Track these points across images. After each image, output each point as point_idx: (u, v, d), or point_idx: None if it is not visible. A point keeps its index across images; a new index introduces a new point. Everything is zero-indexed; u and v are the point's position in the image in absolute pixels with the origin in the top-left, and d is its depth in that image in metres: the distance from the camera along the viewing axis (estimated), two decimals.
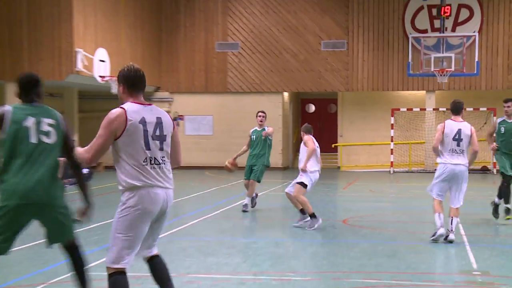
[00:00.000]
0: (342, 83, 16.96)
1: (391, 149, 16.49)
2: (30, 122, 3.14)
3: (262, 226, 7.93)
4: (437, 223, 6.05)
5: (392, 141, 16.63)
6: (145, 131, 2.87)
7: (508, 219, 7.34)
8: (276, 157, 15.38)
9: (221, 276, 4.50)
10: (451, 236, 5.76)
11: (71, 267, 3.13)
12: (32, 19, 14.50)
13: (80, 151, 3.08)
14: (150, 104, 3.05)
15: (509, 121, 7.40)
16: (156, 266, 3.14)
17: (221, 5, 17.14)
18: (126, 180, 2.81)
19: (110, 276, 2.84)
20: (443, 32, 15.97)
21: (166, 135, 2.99)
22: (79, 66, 14.29)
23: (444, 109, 15.71)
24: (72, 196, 3.58)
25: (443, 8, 15.65)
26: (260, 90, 16.90)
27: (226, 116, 16.84)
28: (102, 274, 3.28)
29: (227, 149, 15.50)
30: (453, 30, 16.32)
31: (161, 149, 2.92)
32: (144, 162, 2.85)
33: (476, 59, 15.18)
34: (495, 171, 14.81)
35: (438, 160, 6.31)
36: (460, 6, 16.12)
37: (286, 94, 17.39)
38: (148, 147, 2.85)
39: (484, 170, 16.04)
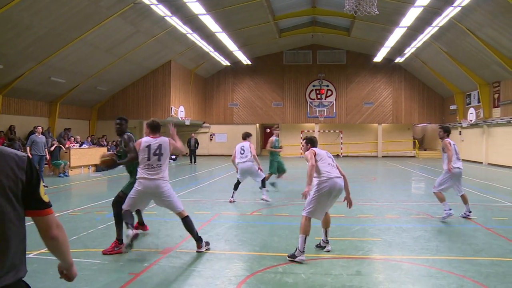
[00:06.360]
0: (281, 119, 33.44)
1: (301, 147, 33.70)
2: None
3: None
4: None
5: (301, 144, 34.24)
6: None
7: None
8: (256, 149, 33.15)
9: None
10: None
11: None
12: (155, 94, 26.13)
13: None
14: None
15: None
16: None
17: (231, 87, 33.99)
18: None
19: None
20: (321, 100, 34.39)
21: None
22: (172, 113, 25.85)
23: (323, 131, 34.01)
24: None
25: (321, 90, 34.16)
26: (247, 122, 33.85)
27: (231, 133, 33.61)
28: None
29: (231, 147, 33.02)
30: (325, 99, 33.86)
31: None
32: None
33: (334, 111, 33.86)
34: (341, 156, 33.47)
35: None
36: (328, 89, 33.80)
37: (257, 124, 35.05)
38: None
39: (337, 155, 34.30)
